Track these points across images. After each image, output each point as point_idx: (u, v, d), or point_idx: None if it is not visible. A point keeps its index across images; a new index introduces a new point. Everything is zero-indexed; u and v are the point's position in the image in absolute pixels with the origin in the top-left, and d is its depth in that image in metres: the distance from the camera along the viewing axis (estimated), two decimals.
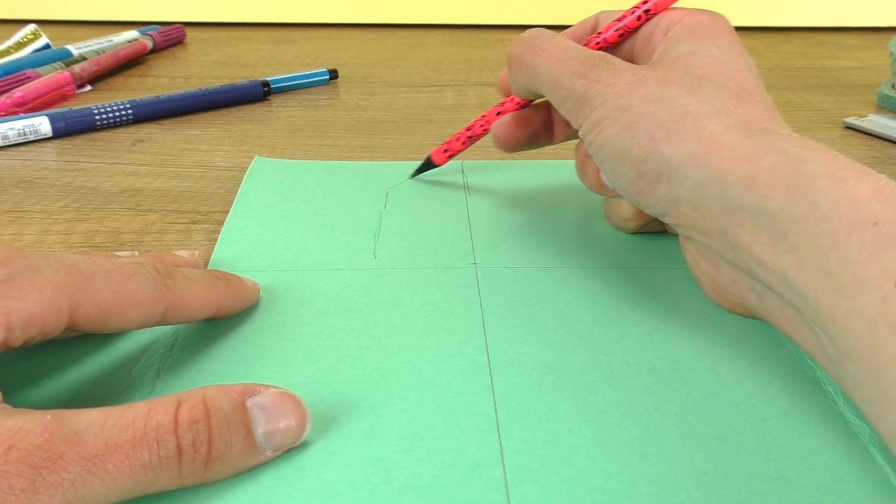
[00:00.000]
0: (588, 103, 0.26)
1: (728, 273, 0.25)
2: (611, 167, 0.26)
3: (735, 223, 0.23)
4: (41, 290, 0.20)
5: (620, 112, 0.25)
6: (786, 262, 0.21)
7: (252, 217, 0.34)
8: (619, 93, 0.26)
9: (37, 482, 0.16)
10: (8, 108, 0.47)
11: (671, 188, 0.24)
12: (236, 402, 0.19)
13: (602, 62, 0.27)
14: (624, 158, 0.25)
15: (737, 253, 0.23)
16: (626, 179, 0.26)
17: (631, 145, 0.25)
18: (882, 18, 0.78)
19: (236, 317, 0.27)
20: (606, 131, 0.26)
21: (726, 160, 0.23)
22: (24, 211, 0.35)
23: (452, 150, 0.37)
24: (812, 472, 0.21)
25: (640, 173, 0.25)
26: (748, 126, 0.24)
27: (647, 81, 0.26)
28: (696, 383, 0.24)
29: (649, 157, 0.25)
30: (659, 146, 0.24)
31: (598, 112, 0.26)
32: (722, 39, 0.27)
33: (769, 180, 0.22)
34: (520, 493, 0.20)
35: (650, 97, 0.25)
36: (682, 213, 0.25)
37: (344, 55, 0.64)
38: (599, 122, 0.26)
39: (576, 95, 0.27)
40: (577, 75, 0.27)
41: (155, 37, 0.64)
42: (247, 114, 0.49)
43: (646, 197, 0.25)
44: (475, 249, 0.31)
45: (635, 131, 0.25)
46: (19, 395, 0.23)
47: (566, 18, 0.75)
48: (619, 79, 0.26)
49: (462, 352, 0.25)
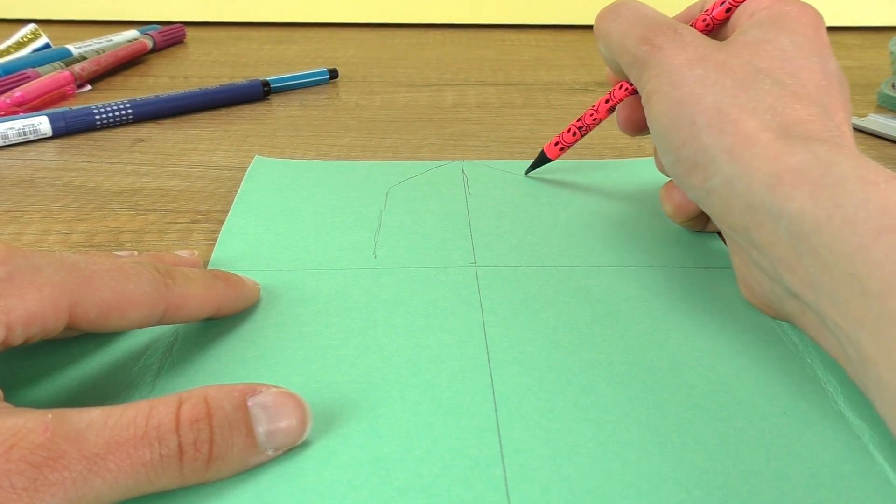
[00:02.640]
0: (647, 71, 0.26)
1: (755, 274, 0.25)
2: (658, 145, 0.26)
3: (758, 223, 0.23)
4: (41, 289, 0.20)
5: (671, 88, 0.25)
6: (810, 265, 0.21)
7: (252, 217, 0.34)
8: (675, 67, 0.25)
9: (38, 481, 0.16)
10: (8, 108, 0.47)
11: (705, 178, 0.24)
12: (237, 402, 0.19)
13: (669, 30, 0.27)
14: (667, 139, 0.25)
15: (761, 253, 0.23)
16: (668, 160, 0.26)
17: (673, 126, 0.25)
18: (882, 18, 0.78)
19: (236, 316, 0.27)
20: (657, 107, 0.26)
21: (756, 157, 0.23)
22: (24, 210, 0.35)
23: (564, 143, 0.37)
24: (812, 471, 0.21)
25: (678, 157, 0.25)
26: (790, 128, 0.23)
27: (706, 63, 0.25)
28: (696, 383, 0.24)
29: (688, 143, 0.24)
30: (699, 133, 0.24)
31: (652, 83, 0.26)
32: (801, 34, 0.26)
33: (794, 181, 0.22)
34: (520, 492, 0.20)
35: (704, 80, 0.25)
36: (713, 206, 0.25)
37: (344, 55, 0.64)
38: (653, 93, 0.26)
39: (638, 62, 0.27)
40: (642, 41, 0.27)
41: (155, 36, 0.64)
42: (247, 113, 0.49)
43: (684, 181, 0.26)
44: (475, 249, 0.31)
45: (680, 113, 0.25)
46: (20, 394, 0.23)
47: (566, 18, 0.75)
48: (681, 52, 0.26)
49: (462, 352, 0.25)
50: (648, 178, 0.39)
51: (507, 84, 0.56)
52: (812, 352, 0.25)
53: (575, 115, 0.49)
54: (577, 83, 0.57)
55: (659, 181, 0.37)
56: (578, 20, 0.75)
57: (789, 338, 0.26)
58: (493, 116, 0.49)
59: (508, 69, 0.61)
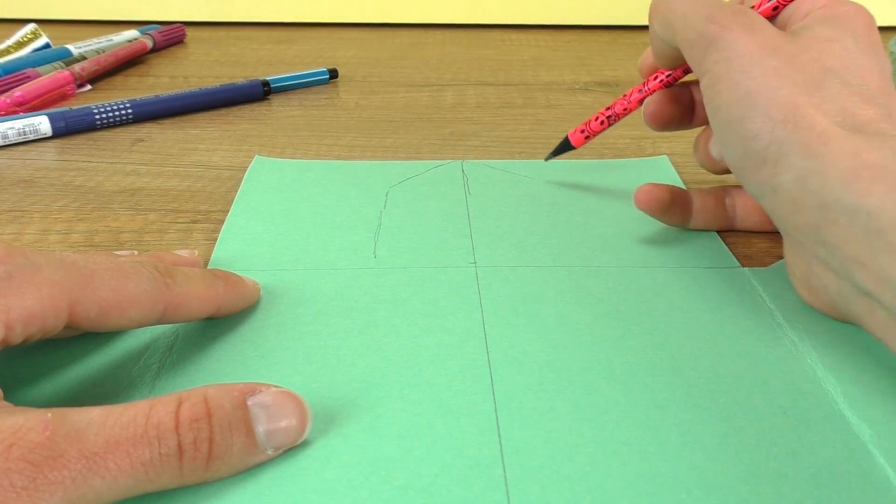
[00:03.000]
0: (714, 52, 0.26)
1: (819, 273, 0.25)
2: (722, 135, 0.26)
3: (830, 221, 0.22)
4: (40, 288, 0.20)
5: (743, 76, 0.25)
6: (885, 262, 0.21)
7: (252, 216, 0.34)
8: (747, 53, 0.25)
9: (38, 480, 0.16)
10: (8, 108, 0.47)
11: (774, 173, 0.24)
12: (237, 401, 0.19)
13: (739, 14, 0.26)
14: (736, 130, 0.25)
15: (830, 252, 0.23)
16: (733, 152, 0.25)
17: (746, 117, 0.24)
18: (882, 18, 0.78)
19: (236, 316, 0.27)
20: (725, 94, 0.25)
21: (832, 153, 0.22)
22: (24, 210, 0.35)
23: (590, 132, 0.36)
24: (812, 471, 0.21)
25: (747, 150, 0.25)
26: (862, 126, 0.23)
27: (777, 54, 0.25)
28: (696, 383, 0.24)
29: (761, 136, 0.24)
30: (774, 127, 0.24)
31: (720, 67, 0.25)
32: (861, 35, 0.26)
33: (872, 176, 0.21)
34: (520, 492, 0.20)
35: (777, 72, 0.24)
36: (778, 202, 0.24)
37: (344, 55, 0.64)
38: (720, 79, 0.25)
39: (704, 39, 0.26)
40: (709, 19, 0.26)
41: (155, 36, 0.64)
42: (247, 113, 0.49)
43: (748, 175, 0.25)
44: (475, 249, 0.31)
45: (753, 104, 0.24)
46: (20, 393, 0.23)
47: (566, 18, 0.75)
48: (751, 37, 0.25)
49: (462, 351, 0.25)
50: (648, 178, 0.39)
51: (507, 84, 0.56)
52: (812, 352, 0.25)
53: (575, 115, 0.49)
54: (577, 83, 0.57)
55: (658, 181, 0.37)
56: (578, 20, 0.75)
57: (789, 338, 0.26)
58: (493, 116, 0.49)
59: (508, 69, 0.61)
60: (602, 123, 0.35)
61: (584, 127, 0.36)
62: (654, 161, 0.41)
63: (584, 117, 0.49)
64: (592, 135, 0.36)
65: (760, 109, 0.24)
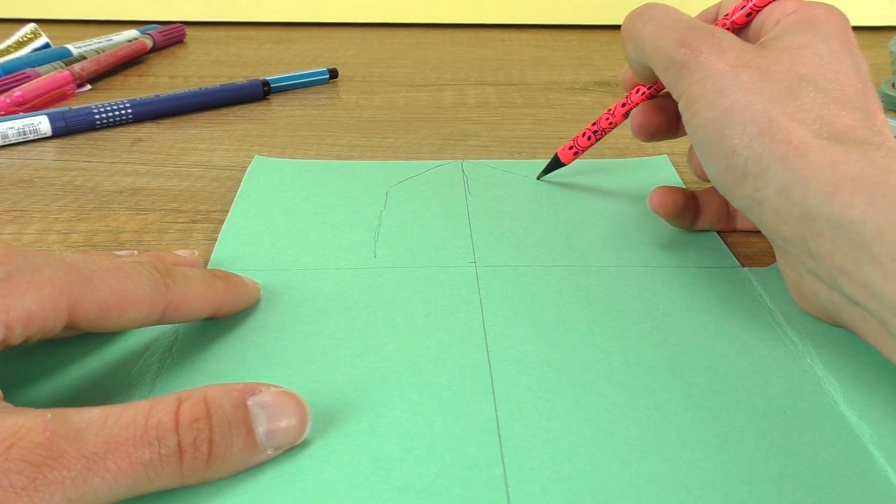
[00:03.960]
0: (687, 75, 0.26)
1: (809, 282, 0.25)
2: (702, 153, 0.26)
3: (815, 232, 0.22)
4: (40, 289, 0.20)
5: (717, 95, 0.25)
6: (870, 274, 0.21)
7: (252, 216, 0.34)
8: (719, 73, 0.25)
9: (38, 480, 0.16)
10: (7, 108, 0.47)
11: (757, 187, 0.24)
12: (237, 401, 0.19)
13: (708, 35, 0.26)
14: (715, 148, 0.25)
15: (818, 262, 0.23)
16: (714, 169, 0.26)
17: (723, 135, 0.24)
18: (882, 18, 0.78)
19: (236, 316, 0.27)
20: (701, 114, 0.25)
21: (812, 165, 0.22)
22: (24, 210, 0.35)
23: (578, 147, 0.36)
24: (812, 471, 0.21)
25: (728, 166, 0.25)
26: (840, 134, 0.23)
27: (749, 69, 0.25)
28: (696, 383, 0.24)
29: (739, 151, 0.24)
30: (751, 142, 0.24)
31: (694, 88, 0.26)
32: (834, 38, 0.26)
33: (853, 189, 0.21)
34: (520, 492, 0.20)
35: (750, 87, 0.24)
36: (764, 215, 0.24)
37: (344, 55, 0.64)
38: (695, 100, 0.25)
39: (676, 65, 0.26)
40: (679, 44, 0.26)
41: (155, 36, 0.64)
42: (246, 113, 0.49)
43: (731, 191, 0.25)
44: (475, 249, 0.31)
45: (729, 121, 0.24)
46: (20, 393, 0.23)
47: (566, 18, 0.75)
48: (721, 57, 0.25)
49: (462, 351, 0.25)
50: (648, 178, 0.39)
51: (507, 84, 0.56)
52: (812, 352, 0.25)
53: (575, 115, 0.49)
54: (577, 83, 0.57)
55: (659, 181, 0.37)
56: (578, 20, 0.75)
57: (789, 338, 0.26)
58: (493, 116, 0.49)
59: (508, 69, 0.60)
60: (589, 139, 0.36)
61: (573, 144, 0.36)
62: (654, 161, 0.41)
63: (584, 117, 0.49)
64: (581, 150, 0.36)
65: (736, 126, 0.24)
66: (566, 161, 0.37)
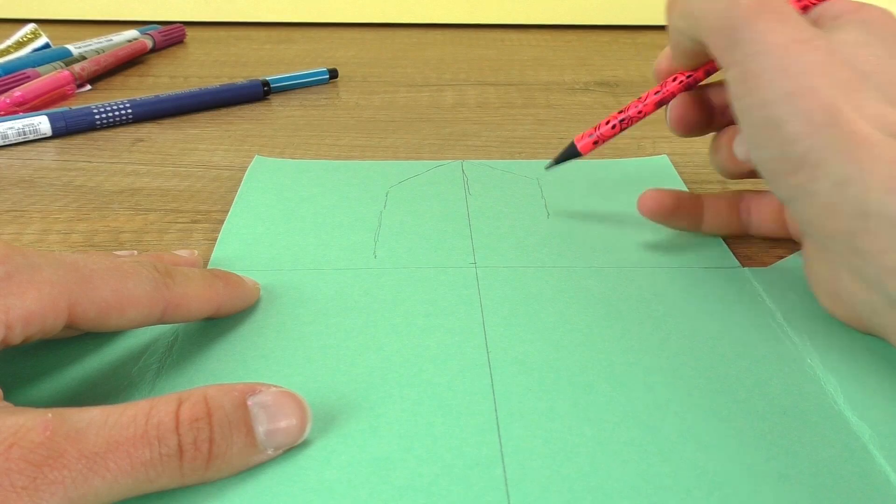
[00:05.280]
0: (743, 45, 0.23)
1: (848, 282, 0.24)
2: (755, 136, 0.24)
3: (868, 229, 0.22)
4: (40, 288, 0.20)
5: (781, 74, 0.23)
6: None
7: (252, 216, 0.34)
8: (782, 47, 0.23)
9: (38, 480, 0.16)
10: (7, 108, 0.47)
11: (811, 178, 0.23)
12: (237, 401, 0.19)
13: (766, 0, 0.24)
14: (772, 132, 0.23)
15: (864, 261, 0.22)
16: (766, 154, 0.24)
17: (785, 120, 0.23)
18: None
19: (236, 316, 0.27)
20: (761, 93, 0.23)
21: (875, 159, 0.21)
22: (24, 210, 0.35)
23: (601, 137, 0.32)
24: (812, 471, 0.21)
25: (783, 153, 0.23)
26: None
27: (815, 50, 0.23)
28: (696, 383, 0.24)
29: (800, 140, 0.22)
30: (816, 131, 0.22)
31: (753, 62, 0.23)
32: (890, 41, 0.25)
33: None
34: (520, 492, 0.20)
35: (816, 71, 0.23)
36: (811, 208, 0.23)
37: (344, 55, 0.64)
38: (755, 76, 0.23)
39: (730, 28, 0.24)
40: (735, 5, 0.24)
41: (155, 36, 0.64)
42: (247, 113, 0.49)
43: (780, 178, 0.24)
44: (475, 249, 0.31)
45: (794, 107, 0.23)
46: (20, 393, 0.23)
47: (566, 18, 0.75)
48: (783, 28, 0.23)
49: (462, 351, 0.25)
50: (649, 178, 0.39)
51: (507, 84, 0.56)
52: (812, 352, 0.25)
53: (575, 116, 0.49)
54: (577, 83, 0.57)
55: (659, 181, 0.37)
56: (578, 20, 0.75)
57: (789, 338, 0.26)
58: (493, 116, 0.49)
59: (508, 69, 0.60)
60: (614, 128, 0.32)
61: (594, 132, 0.32)
62: (654, 161, 0.41)
63: (585, 117, 0.49)
64: (603, 140, 0.32)
65: (801, 112, 0.22)
66: (584, 151, 0.33)
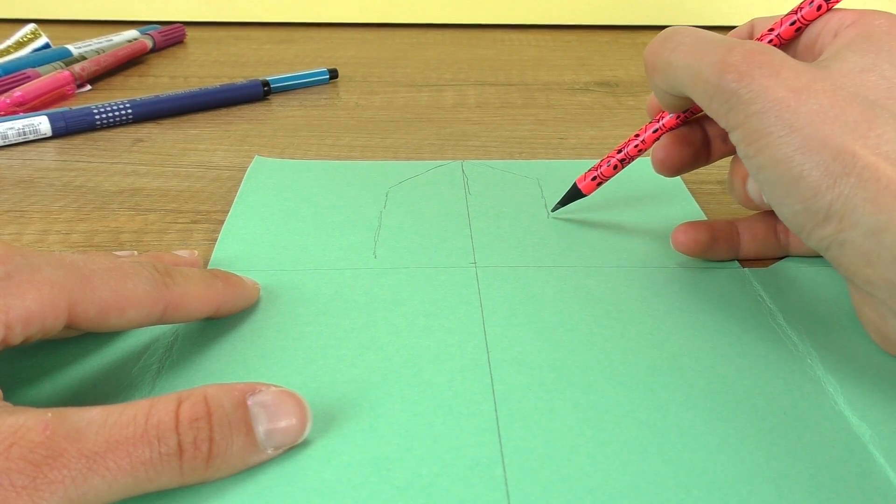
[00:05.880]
0: (742, 106, 0.23)
1: (894, 324, 0.23)
2: (773, 193, 0.23)
3: None
4: (40, 288, 0.20)
5: (788, 130, 0.22)
6: None
7: (252, 217, 0.34)
8: (782, 101, 0.22)
9: (38, 479, 0.16)
10: (7, 108, 0.47)
11: (840, 228, 0.22)
12: (237, 401, 0.19)
13: (754, 53, 0.23)
14: (791, 189, 0.22)
15: None
16: (789, 210, 0.23)
17: (801, 174, 0.22)
18: None
19: (236, 316, 0.27)
20: (770, 152, 0.22)
21: None
22: (24, 210, 0.35)
23: (602, 177, 0.33)
24: (812, 471, 0.21)
25: (807, 208, 0.22)
26: None
27: (815, 94, 0.22)
28: (696, 383, 0.24)
29: (822, 193, 0.22)
30: (836, 182, 0.21)
31: (756, 122, 0.23)
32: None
33: None
34: (520, 492, 0.20)
35: (823, 117, 0.22)
36: (846, 257, 0.22)
37: (344, 55, 0.64)
38: (760, 136, 0.23)
39: (725, 93, 0.23)
40: (724, 68, 0.23)
41: (155, 36, 0.64)
42: (247, 113, 0.49)
43: (809, 232, 0.23)
44: (475, 249, 0.31)
45: (808, 159, 0.22)
46: (20, 393, 0.23)
47: (566, 18, 0.75)
48: (778, 80, 0.22)
49: (462, 351, 0.25)
50: (648, 178, 0.39)
51: (507, 84, 0.56)
52: (812, 352, 0.25)
53: (575, 116, 0.49)
54: (577, 83, 0.57)
55: (658, 180, 0.37)
56: (578, 20, 0.75)
57: (789, 338, 0.26)
58: (493, 116, 0.49)
59: (508, 69, 0.61)
60: (615, 168, 0.32)
61: (595, 173, 0.33)
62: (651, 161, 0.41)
63: (584, 117, 0.49)
64: (604, 180, 0.33)
65: (817, 165, 0.22)
66: (587, 192, 0.33)
